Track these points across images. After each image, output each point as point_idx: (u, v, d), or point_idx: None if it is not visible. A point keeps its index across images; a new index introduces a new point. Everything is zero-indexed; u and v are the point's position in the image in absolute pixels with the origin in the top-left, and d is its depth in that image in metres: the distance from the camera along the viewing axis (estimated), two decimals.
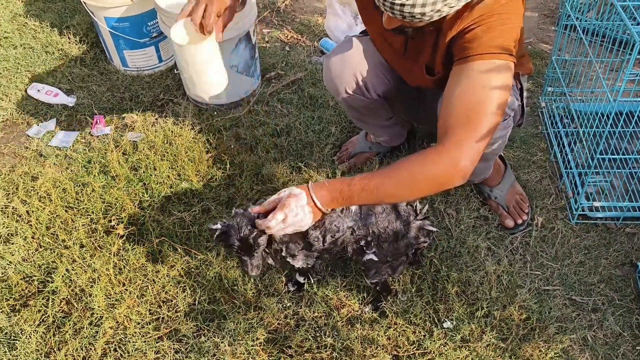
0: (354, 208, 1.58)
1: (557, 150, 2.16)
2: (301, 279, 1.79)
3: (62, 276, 1.86)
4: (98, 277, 1.85)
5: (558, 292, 1.80)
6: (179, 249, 1.92)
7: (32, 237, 1.98)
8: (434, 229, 1.66)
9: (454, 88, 1.39)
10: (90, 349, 1.69)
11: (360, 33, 1.91)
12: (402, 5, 1.26)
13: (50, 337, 1.71)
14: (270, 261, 1.61)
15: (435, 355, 1.62)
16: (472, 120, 1.35)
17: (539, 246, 1.92)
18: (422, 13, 1.28)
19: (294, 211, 1.39)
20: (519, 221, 1.96)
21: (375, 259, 1.60)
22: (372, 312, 1.75)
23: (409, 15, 1.29)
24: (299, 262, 1.64)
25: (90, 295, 1.81)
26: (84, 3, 2.52)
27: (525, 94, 1.85)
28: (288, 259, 1.63)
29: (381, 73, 1.83)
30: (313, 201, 1.41)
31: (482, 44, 1.37)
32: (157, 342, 1.70)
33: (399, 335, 1.68)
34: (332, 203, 1.43)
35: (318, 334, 1.69)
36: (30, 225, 2.01)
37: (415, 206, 1.66)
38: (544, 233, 1.95)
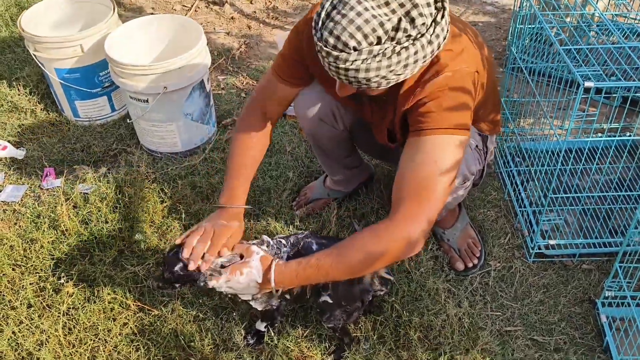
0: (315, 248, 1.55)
1: (511, 190, 2.16)
2: (262, 327, 1.71)
3: (8, 339, 1.74)
4: (47, 339, 1.73)
5: (520, 332, 1.76)
6: (132, 305, 1.81)
7: None
8: (390, 277, 1.62)
9: (407, 161, 1.39)
10: None
11: None
12: (347, 69, 1.23)
13: None
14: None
15: None
16: (422, 196, 1.34)
17: (498, 286, 1.89)
18: (367, 79, 1.24)
19: (244, 279, 1.43)
20: (470, 264, 1.93)
21: (330, 301, 1.56)
22: None
23: (354, 80, 1.26)
24: (260, 305, 1.58)
25: (38, 359, 1.68)
26: (34, 55, 2.44)
27: (490, 156, 1.84)
28: (250, 302, 1.57)
29: (351, 107, 1.79)
30: (270, 278, 1.42)
31: (435, 119, 1.36)
32: None
33: None
34: (288, 284, 1.45)
35: None
36: None
37: None
38: (503, 273, 1.92)
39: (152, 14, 3.46)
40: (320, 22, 1.23)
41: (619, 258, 1.64)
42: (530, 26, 2.01)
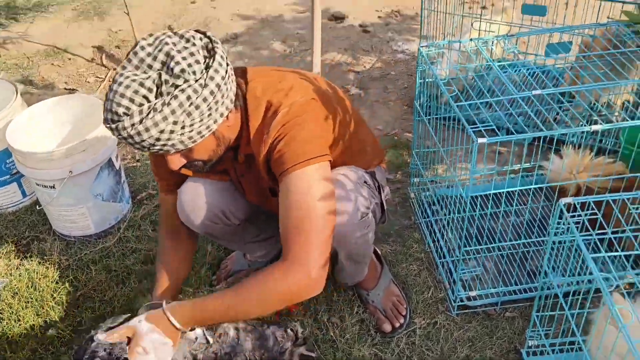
0: (231, 333, 1.48)
1: (430, 241, 2.12)
2: None
3: None
4: None
5: None
6: None
7: None
8: (312, 354, 1.54)
9: (282, 205, 1.39)
10: None
11: None
12: (130, 136, 1.25)
13: None
14: None
15: None
16: (303, 231, 1.34)
17: (424, 345, 1.82)
18: (157, 138, 1.26)
19: (152, 340, 1.35)
20: (397, 324, 1.86)
21: None
22: None
23: (148, 144, 1.28)
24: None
25: None
26: None
27: (385, 190, 1.81)
28: None
29: (240, 197, 1.74)
30: (170, 322, 1.37)
31: (290, 156, 1.37)
32: None
33: None
34: (189, 322, 1.40)
35: None
36: None
37: (296, 330, 1.54)
38: (428, 330, 1.87)
39: (65, 89, 3.35)
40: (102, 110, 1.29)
41: (535, 307, 1.61)
42: (429, 80, 2.01)
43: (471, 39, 1.97)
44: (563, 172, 2.05)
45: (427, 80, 2.02)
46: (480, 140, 1.51)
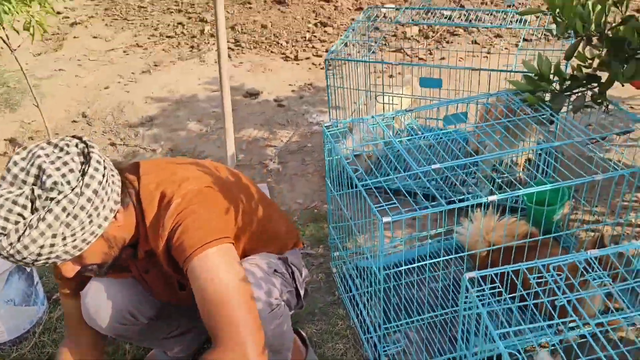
0: None
1: (354, 316, 2.10)
2: None
3: None
4: None
5: None
6: None
7: None
8: None
9: (196, 295, 1.35)
10: None
11: None
12: (11, 255, 1.22)
13: None
14: None
15: None
16: (224, 315, 1.30)
17: None
18: (38, 253, 1.23)
19: None
20: None
21: None
22: None
23: (31, 260, 1.24)
24: None
25: None
26: None
27: (303, 272, 1.79)
28: None
29: (148, 293, 1.67)
30: None
31: (189, 244, 1.35)
32: None
33: None
34: None
35: None
36: None
37: None
38: None
39: None
40: None
41: None
42: (336, 157, 2.04)
43: (372, 116, 2.03)
44: (474, 236, 2.10)
45: (335, 157, 2.04)
46: (385, 219, 1.53)
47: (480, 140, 2.34)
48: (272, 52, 4.62)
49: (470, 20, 3.86)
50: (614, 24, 1.83)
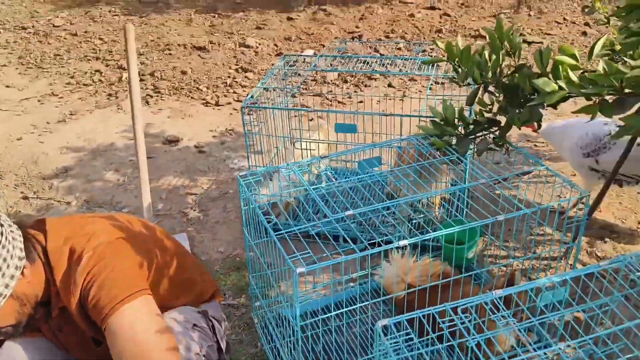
0: None
1: None
2: None
3: None
4: None
5: None
6: None
7: None
8: None
9: (113, 355, 1.31)
10: None
11: None
12: None
13: None
14: None
15: None
16: None
17: None
18: None
19: None
20: None
21: None
22: None
23: None
24: None
25: None
26: None
27: (223, 325, 1.75)
28: None
29: (63, 353, 1.58)
30: None
31: (106, 300, 1.31)
32: None
33: None
34: None
35: None
36: None
37: None
38: None
39: None
40: None
41: None
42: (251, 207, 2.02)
43: (287, 164, 2.03)
44: (391, 278, 2.12)
45: (250, 207, 2.02)
46: (299, 269, 1.52)
47: (396, 183, 2.39)
48: (192, 98, 4.59)
49: (386, 66, 4.00)
50: (508, 72, 1.93)
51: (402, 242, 1.61)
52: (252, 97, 2.64)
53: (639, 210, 2.87)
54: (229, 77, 4.89)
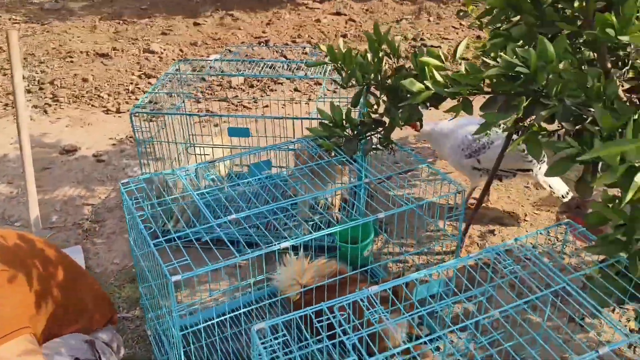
0: None
1: None
2: None
3: None
4: None
5: None
6: None
7: None
8: None
9: None
10: None
11: None
12: None
13: None
14: None
15: None
16: None
17: None
18: None
19: None
20: None
21: None
22: None
23: None
24: None
25: None
26: None
27: (122, 351, 1.68)
28: None
29: None
30: None
31: None
32: None
33: None
34: None
35: None
36: None
37: None
38: None
39: None
40: None
41: None
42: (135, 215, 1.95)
43: (172, 171, 1.98)
44: (287, 280, 2.10)
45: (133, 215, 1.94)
46: (174, 278, 1.47)
47: (293, 185, 2.38)
48: (92, 105, 4.39)
49: (292, 70, 4.00)
50: (389, 74, 1.97)
51: (284, 244, 1.60)
52: (139, 105, 2.56)
53: (525, 203, 3.02)
54: (131, 83, 4.72)
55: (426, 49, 1.74)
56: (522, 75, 1.45)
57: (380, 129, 2.10)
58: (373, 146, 2.09)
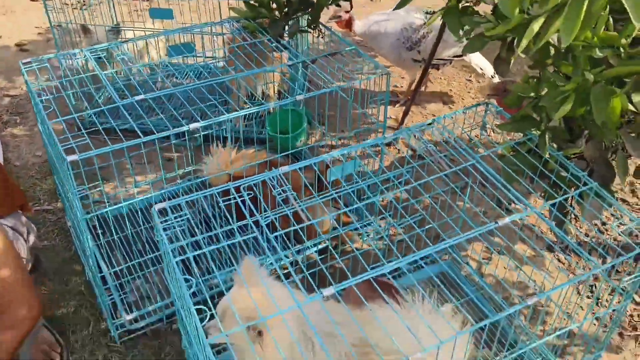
0: None
1: (88, 270, 1.91)
2: None
3: None
4: None
5: None
6: None
7: None
8: None
9: None
10: None
11: None
12: None
13: None
14: None
15: None
16: None
17: None
18: None
19: None
20: None
21: None
22: None
23: None
24: None
25: None
26: None
27: (31, 239, 1.60)
28: None
29: None
30: None
31: None
32: None
33: None
34: None
35: None
36: None
37: None
38: None
39: None
40: None
41: (178, 317, 1.51)
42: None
43: (81, 50, 1.80)
44: (214, 170, 2.02)
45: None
46: (70, 157, 1.35)
47: (227, 70, 2.23)
48: None
49: None
50: None
51: (193, 125, 1.48)
52: None
53: (466, 95, 2.95)
54: None
55: None
56: None
57: (310, 9, 1.95)
58: (300, 28, 1.95)
